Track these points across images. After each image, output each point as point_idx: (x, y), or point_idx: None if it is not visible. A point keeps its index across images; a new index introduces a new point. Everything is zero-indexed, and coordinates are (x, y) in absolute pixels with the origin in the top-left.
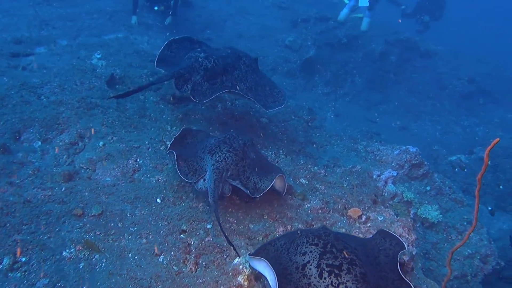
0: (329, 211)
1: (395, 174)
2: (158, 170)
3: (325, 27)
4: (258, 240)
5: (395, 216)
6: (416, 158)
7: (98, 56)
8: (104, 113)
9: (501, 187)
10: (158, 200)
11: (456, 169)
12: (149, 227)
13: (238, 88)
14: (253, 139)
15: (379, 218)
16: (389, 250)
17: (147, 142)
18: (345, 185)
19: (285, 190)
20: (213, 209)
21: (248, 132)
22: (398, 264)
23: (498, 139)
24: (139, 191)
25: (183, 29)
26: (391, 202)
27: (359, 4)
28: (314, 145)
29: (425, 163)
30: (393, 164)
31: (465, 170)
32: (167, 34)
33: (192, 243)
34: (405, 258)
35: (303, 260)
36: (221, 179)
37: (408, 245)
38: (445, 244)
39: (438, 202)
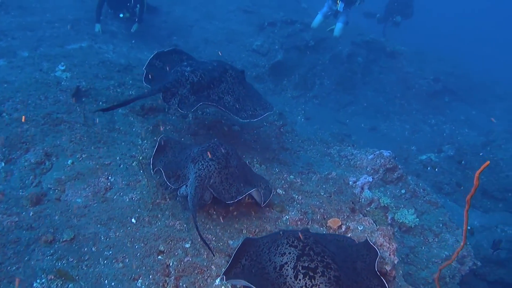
0: (308, 222)
1: (371, 180)
2: (131, 187)
3: (292, 30)
4: None
5: (374, 225)
6: (390, 162)
7: (62, 68)
8: (71, 129)
9: (461, 188)
10: (133, 220)
11: (428, 168)
12: (125, 249)
13: (224, 101)
14: (235, 148)
15: (359, 228)
16: (366, 256)
17: (118, 158)
18: (322, 194)
19: (267, 201)
20: (192, 213)
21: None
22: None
23: (488, 162)
24: (112, 211)
25: (149, 36)
26: (368, 208)
27: (338, 8)
28: (288, 152)
29: (399, 166)
30: (368, 169)
31: (436, 169)
32: (133, 41)
33: (170, 264)
34: (387, 267)
35: (281, 261)
36: (203, 186)
37: (389, 255)
38: (423, 248)
39: (414, 205)
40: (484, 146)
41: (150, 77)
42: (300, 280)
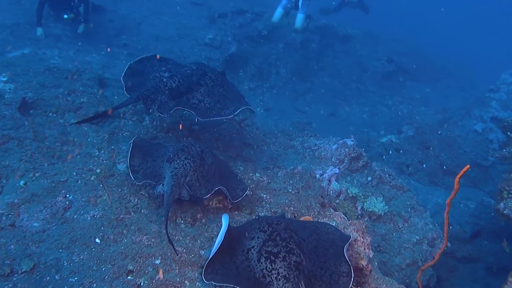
0: None
1: (337, 171)
2: (92, 204)
3: (243, 20)
4: None
5: (346, 219)
6: (354, 151)
7: (4, 79)
8: (20, 146)
9: (424, 166)
10: (97, 240)
11: (390, 152)
12: (92, 274)
13: (205, 103)
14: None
15: (332, 224)
16: (339, 242)
17: (74, 173)
18: (290, 190)
19: (242, 196)
20: (165, 211)
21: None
22: (348, 259)
23: (468, 166)
24: (74, 232)
25: (96, 37)
26: (338, 200)
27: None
28: (250, 147)
29: (364, 154)
30: (333, 159)
31: (401, 151)
32: (79, 44)
33: (141, 284)
34: (363, 262)
35: (250, 244)
36: (179, 184)
37: (364, 249)
38: (394, 234)
39: (381, 191)
40: (441, 124)
41: (129, 84)
42: (261, 263)
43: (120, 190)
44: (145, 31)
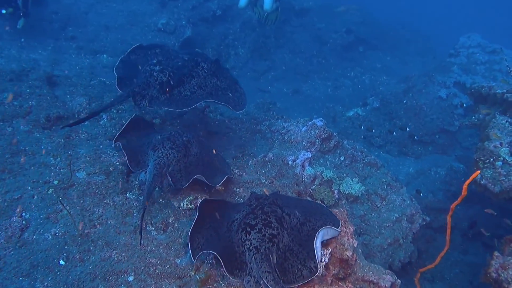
0: None
1: (310, 156)
2: (52, 221)
3: (196, 2)
4: (191, 276)
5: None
6: (325, 132)
7: None
8: None
9: (394, 133)
10: (62, 262)
11: (362, 127)
12: None
13: (197, 95)
14: (199, 135)
15: None
16: (328, 223)
17: (29, 187)
18: (263, 181)
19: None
20: (144, 199)
21: None
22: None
23: (478, 171)
24: (34, 256)
25: (41, 31)
26: (313, 186)
27: None
28: (216, 136)
29: (334, 134)
30: (304, 143)
31: (373, 131)
32: (22, 40)
33: None
34: (348, 253)
35: (235, 217)
36: (161, 174)
37: (348, 239)
38: (373, 214)
39: (355, 170)
40: (406, 93)
41: (121, 79)
42: (238, 233)
43: (82, 201)
44: (93, 21)
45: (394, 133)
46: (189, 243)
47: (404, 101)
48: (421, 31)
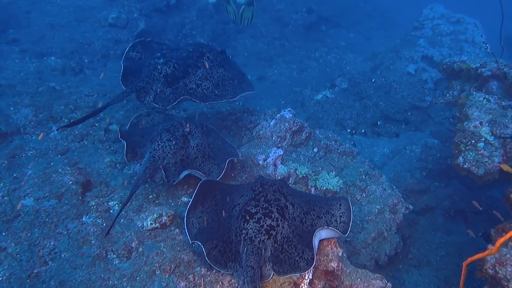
0: None
1: (281, 152)
2: None
3: None
4: None
5: None
6: (295, 124)
7: None
8: None
9: (379, 122)
10: None
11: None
12: None
13: (202, 88)
14: (205, 125)
15: None
16: (332, 221)
17: None
18: None
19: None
20: (132, 189)
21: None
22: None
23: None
24: None
25: None
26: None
27: None
28: None
29: (305, 125)
30: (273, 138)
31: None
32: None
33: None
34: (333, 264)
35: (237, 201)
36: (154, 167)
37: (331, 248)
38: (353, 208)
39: (330, 162)
40: (373, 71)
41: (127, 74)
42: (238, 221)
43: (29, 234)
44: (37, 20)
45: (379, 122)
46: (185, 222)
47: (373, 80)
48: (383, 4)
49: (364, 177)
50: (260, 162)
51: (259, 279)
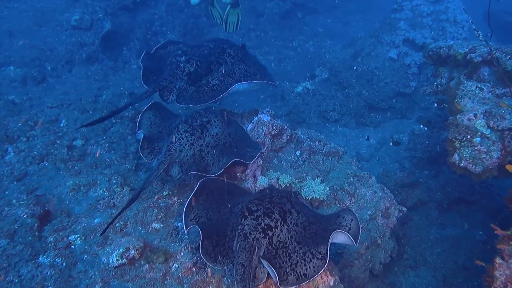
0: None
1: (260, 162)
2: None
3: None
4: None
5: None
6: (274, 127)
7: None
8: None
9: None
10: None
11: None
12: None
13: (225, 84)
14: (226, 114)
15: None
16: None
17: None
18: None
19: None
20: (145, 183)
21: None
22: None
23: None
24: None
25: None
26: None
27: None
28: None
29: (285, 127)
30: None
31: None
32: None
33: None
34: None
35: (241, 200)
36: (170, 161)
37: (322, 277)
38: None
39: (315, 165)
40: (354, 58)
41: (148, 74)
42: (237, 216)
43: None
44: None
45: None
46: (183, 213)
47: (354, 68)
48: None
49: (352, 179)
50: (238, 174)
51: (250, 278)
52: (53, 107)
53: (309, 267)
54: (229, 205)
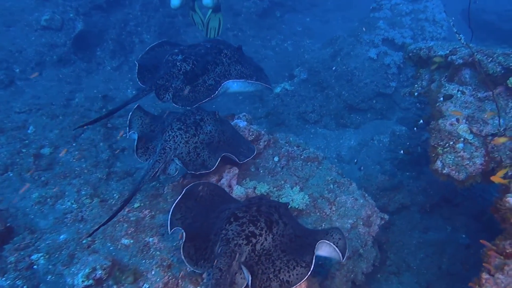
0: (177, 281)
1: (236, 171)
2: None
3: None
4: None
5: None
6: (251, 133)
7: None
8: None
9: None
10: None
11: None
12: None
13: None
14: (217, 113)
15: None
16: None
17: None
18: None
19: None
20: (138, 183)
21: None
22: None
23: None
24: None
25: None
26: None
27: None
28: (119, 154)
29: (262, 132)
30: None
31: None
32: None
33: None
34: None
35: (229, 206)
36: (164, 160)
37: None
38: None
39: (294, 172)
40: (333, 58)
41: (143, 72)
42: (223, 221)
43: None
44: None
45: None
46: (170, 212)
47: (334, 68)
48: None
49: (332, 186)
50: None
51: (226, 284)
52: (20, 112)
53: (293, 274)
54: (217, 210)
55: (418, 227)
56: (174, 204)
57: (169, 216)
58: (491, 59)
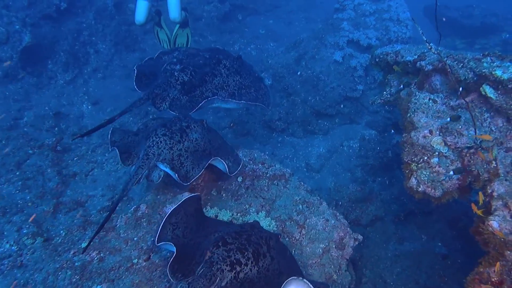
0: None
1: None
2: None
3: None
4: None
5: None
6: None
7: None
8: None
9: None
10: None
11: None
12: None
13: (218, 96)
14: (205, 121)
15: None
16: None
17: None
18: (135, 261)
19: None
20: (123, 191)
21: None
22: None
23: None
24: None
25: None
26: None
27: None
28: (77, 176)
29: None
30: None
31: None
32: None
33: None
34: None
35: (221, 229)
36: (147, 166)
37: None
38: (294, 251)
39: (259, 193)
40: (298, 62)
41: (142, 79)
42: (211, 243)
43: None
44: None
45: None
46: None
47: (299, 73)
48: None
49: (301, 207)
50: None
51: None
52: None
53: None
54: (207, 230)
55: (393, 238)
56: (172, 210)
57: (161, 224)
58: (461, 64)
